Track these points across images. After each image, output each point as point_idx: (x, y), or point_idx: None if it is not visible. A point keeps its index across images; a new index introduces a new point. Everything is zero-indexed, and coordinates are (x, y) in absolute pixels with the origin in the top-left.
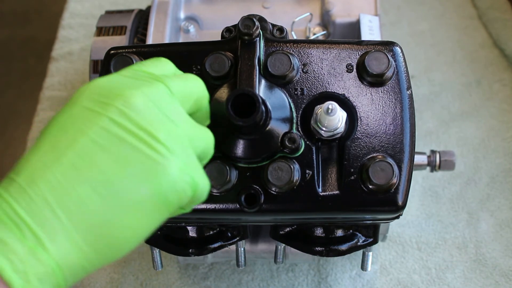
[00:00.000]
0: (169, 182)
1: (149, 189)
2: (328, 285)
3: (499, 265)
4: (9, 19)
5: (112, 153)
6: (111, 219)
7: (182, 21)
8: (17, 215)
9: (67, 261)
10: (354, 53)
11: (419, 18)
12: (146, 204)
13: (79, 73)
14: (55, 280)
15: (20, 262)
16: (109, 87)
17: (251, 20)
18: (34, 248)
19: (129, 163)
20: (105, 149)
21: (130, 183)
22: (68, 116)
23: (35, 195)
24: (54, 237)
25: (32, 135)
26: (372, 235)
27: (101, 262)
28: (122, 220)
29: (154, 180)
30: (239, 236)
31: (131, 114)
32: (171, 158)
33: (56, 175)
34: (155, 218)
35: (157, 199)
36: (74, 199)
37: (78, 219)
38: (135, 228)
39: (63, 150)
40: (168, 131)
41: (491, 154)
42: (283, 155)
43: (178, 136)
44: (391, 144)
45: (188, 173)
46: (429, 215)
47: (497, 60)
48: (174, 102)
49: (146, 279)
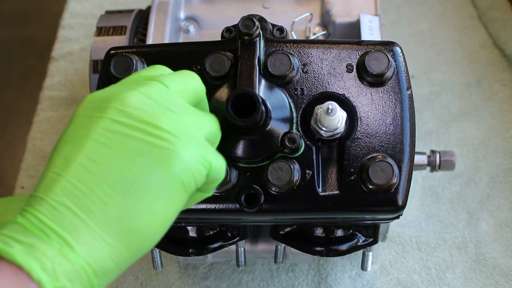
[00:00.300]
0: (181, 164)
1: (163, 175)
2: (328, 285)
3: (499, 265)
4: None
5: (119, 149)
6: (133, 210)
7: (182, 21)
8: (41, 222)
9: (96, 258)
10: (354, 53)
11: (419, 18)
12: (164, 190)
13: (79, 73)
14: (86, 278)
15: (48, 261)
16: (104, 95)
17: (251, 20)
18: (61, 249)
19: (138, 155)
20: (111, 147)
21: (143, 174)
22: (71, 129)
23: (54, 202)
24: (79, 237)
25: (32, 135)
26: (372, 235)
27: (132, 255)
28: (143, 210)
29: (166, 165)
30: (239, 236)
31: (130, 110)
32: (177, 142)
33: (70, 179)
34: (175, 202)
35: (172, 183)
36: (93, 198)
37: (100, 217)
38: (158, 215)
39: (72, 156)
40: (170, 119)
41: (491, 154)
42: (283, 155)
43: (182, 122)
44: (391, 144)
45: (198, 153)
46: (429, 215)
47: (497, 60)
48: (172, 95)
49: (146, 279)
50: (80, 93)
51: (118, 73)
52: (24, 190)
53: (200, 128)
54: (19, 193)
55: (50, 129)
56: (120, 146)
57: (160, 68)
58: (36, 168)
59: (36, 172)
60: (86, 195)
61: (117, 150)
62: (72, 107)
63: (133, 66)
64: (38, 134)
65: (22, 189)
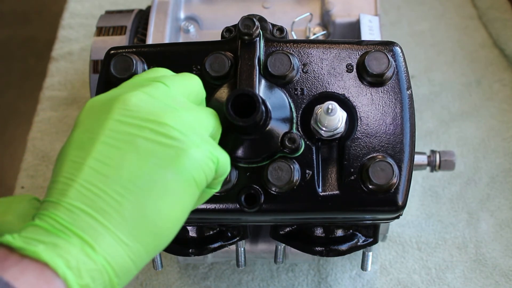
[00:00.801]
0: (191, 161)
1: (174, 173)
2: (328, 285)
3: (499, 265)
4: (9, 19)
5: (128, 150)
6: (147, 210)
7: (182, 21)
8: (60, 224)
9: (115, 258)
10: (354, 53)
11: (419, 18)
12: (176, 188)
13: (79, 73)
14: (107, 277)
15: (73, 259)
16: (106, 98)
17: (251, 20)
18: (83, 248)
19: (148, 154)
20: (120, 148)
21: (154, 173)
22: (76, 134)
23: (70, 206)
24: (98, 237)
25: (32, 135)
26: (372, 235)
27: (149, 253)
28: (157, 208)
29: (177, 163)
30: (239, 236)
31: (135, 110)
32: (185, 139)
33: (82, 183)
34: (188, 199)
35: (184, 180)
36: (107, 200)
37: (116, 218)
38: (172, 213)
39: (82, 160)
40: (174, 117)
41: (491, 154)
42: (283, 155)
43: (185, 119)
44: (391, 144)
45: (206, 149)
46: (429, 215)
47: (497, 60)
48: (174, 93)
49: (146, 279)
50: (80, 93)
51: (118, 73)
52: (24, 190)
53: (204, 125)
54: (19, 193)
55: (50, 129)
56: (128, 146)
57: (161, 70)
58: (36, 168)
59: (36, 172)
60: (100, 197)
61: (126, 151)
62: (72, 107)
63: (133, 66)
64: (38, 134)
65: (22, 189)
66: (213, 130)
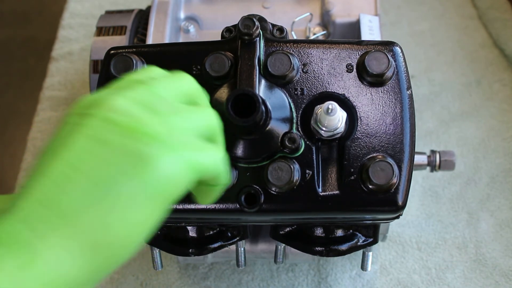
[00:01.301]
0: (157, 172)
1: (136, 184)
2: (328, 285)
3: (499, 265)
4: (9, 19)
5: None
6: (104, 221)
7: (182, 21)
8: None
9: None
10: (354, 53)
11: (419, 18)
12: (137, 199)
13: (79, 73)
14: None
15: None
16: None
17: (251, 20)
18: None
19: (112, 164)
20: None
21: (115, 183)
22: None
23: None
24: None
25: (32, 135)
26: (372, 235)
27: (105, 266)
28: (115, 220)
29: (140, 174)
30: (239, 236)
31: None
32: (157, 147)
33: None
34: (151, 212)
35: (150, 192)
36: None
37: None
38: (131, 226)
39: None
40: (154, 123)
41: (491, 154)
42: (283, 155)
43: (167, 124)
44: (391, 144)
45: (182, 155)
46: (429, 215)
47: (497, 60)
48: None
49: (146, 279)
50: (80, 93)
51: (118, 73)
52: None
53: (193, 125)
54: None
55: (50, 129)
56: (95, 155)
57: (150, 70)
58: None
59: None
60: (57, 206)
61: (92, 159)
62: None
63: (133, 66)
64: (38, 134)
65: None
66: (206, 130)
